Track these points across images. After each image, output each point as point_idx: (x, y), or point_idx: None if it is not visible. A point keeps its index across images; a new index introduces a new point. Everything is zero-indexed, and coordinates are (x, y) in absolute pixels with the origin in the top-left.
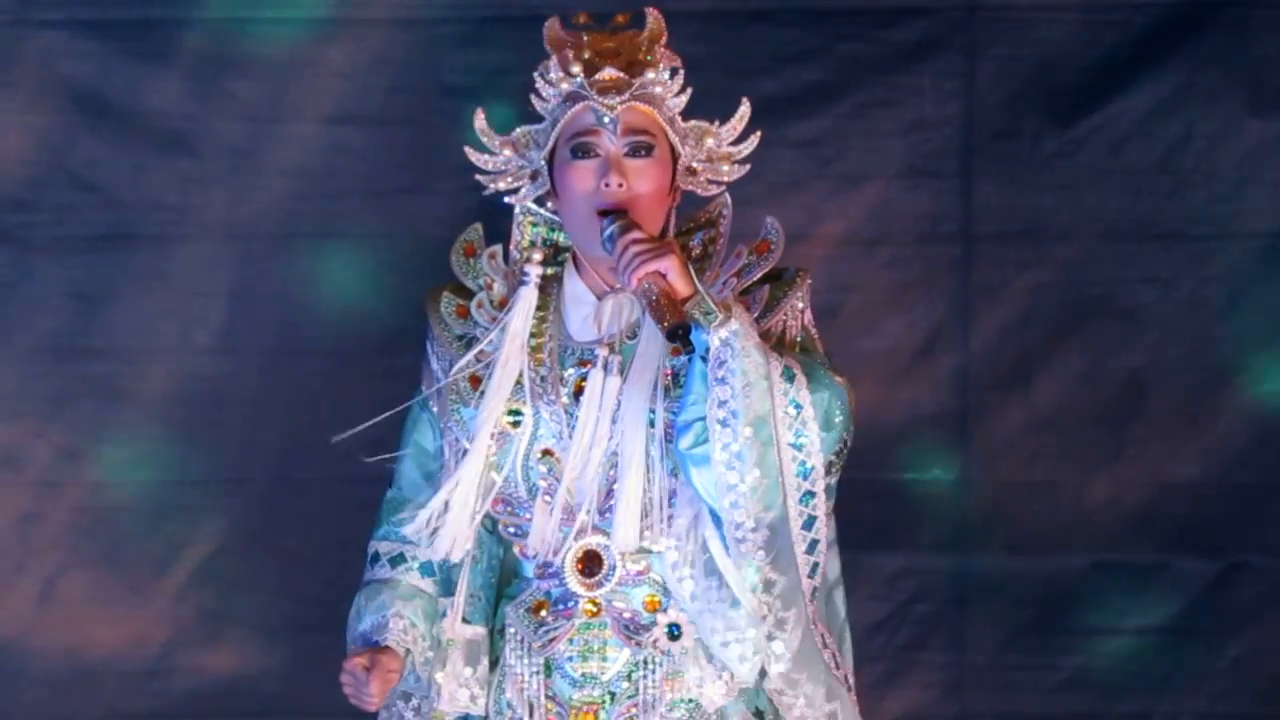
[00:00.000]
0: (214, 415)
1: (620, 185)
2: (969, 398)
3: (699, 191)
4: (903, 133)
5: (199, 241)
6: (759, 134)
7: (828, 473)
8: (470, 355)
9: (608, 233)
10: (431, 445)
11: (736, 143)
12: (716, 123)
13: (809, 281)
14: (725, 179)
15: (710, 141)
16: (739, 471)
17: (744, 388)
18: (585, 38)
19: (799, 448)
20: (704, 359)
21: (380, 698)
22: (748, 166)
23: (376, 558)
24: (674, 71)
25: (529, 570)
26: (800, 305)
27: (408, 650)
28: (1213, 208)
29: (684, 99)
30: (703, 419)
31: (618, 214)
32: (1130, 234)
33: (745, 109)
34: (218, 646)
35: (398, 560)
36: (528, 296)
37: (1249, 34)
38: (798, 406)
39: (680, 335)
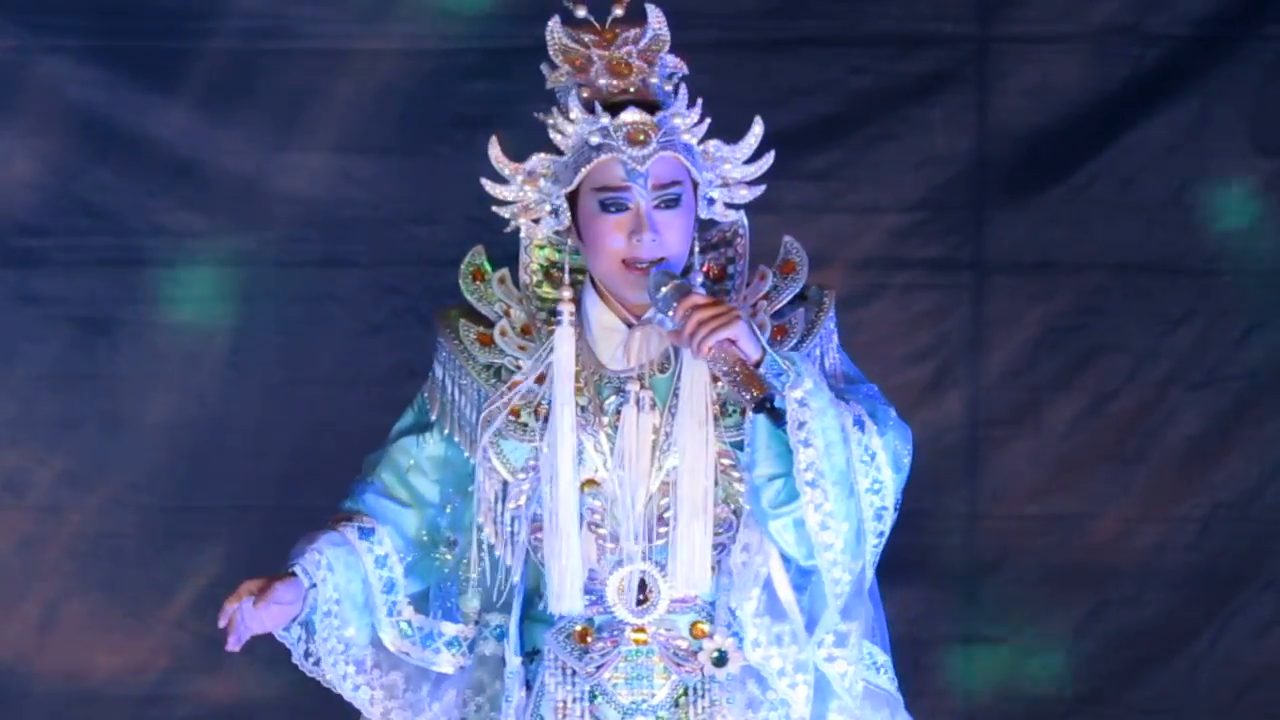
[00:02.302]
0: (218, 442)
1: (653, 240)
2: (978, 431)
3: (717, 218)
4: (915, 165)
5: (205, 268)
6: (772, 153)
7: (895, 510)
8: (516, 392)
9: (661, 294)
10: (415, 451)
11: (749, 162)
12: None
13: (834, 299)
14: (741, 203)
15: (726, 168)
16: (834, 530)
17: (826, 447)
18: (593, 50)
19: (876, 493)
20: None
21: (252, 625)
22: (763, 188)
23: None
24: (692, 101)
25: None
26: (831, 327)
27: (313, 585)
28: (1225, 242)
29: (704, 127)
30: (781, 475)
31: (664, 271)
32: (1142, 268)
33: (758, 127)
34: (218, 674)
35: (347, 519)
36: (568, 337)
37: (1262, 67)
38: (872, 454)
39: (767, 406)
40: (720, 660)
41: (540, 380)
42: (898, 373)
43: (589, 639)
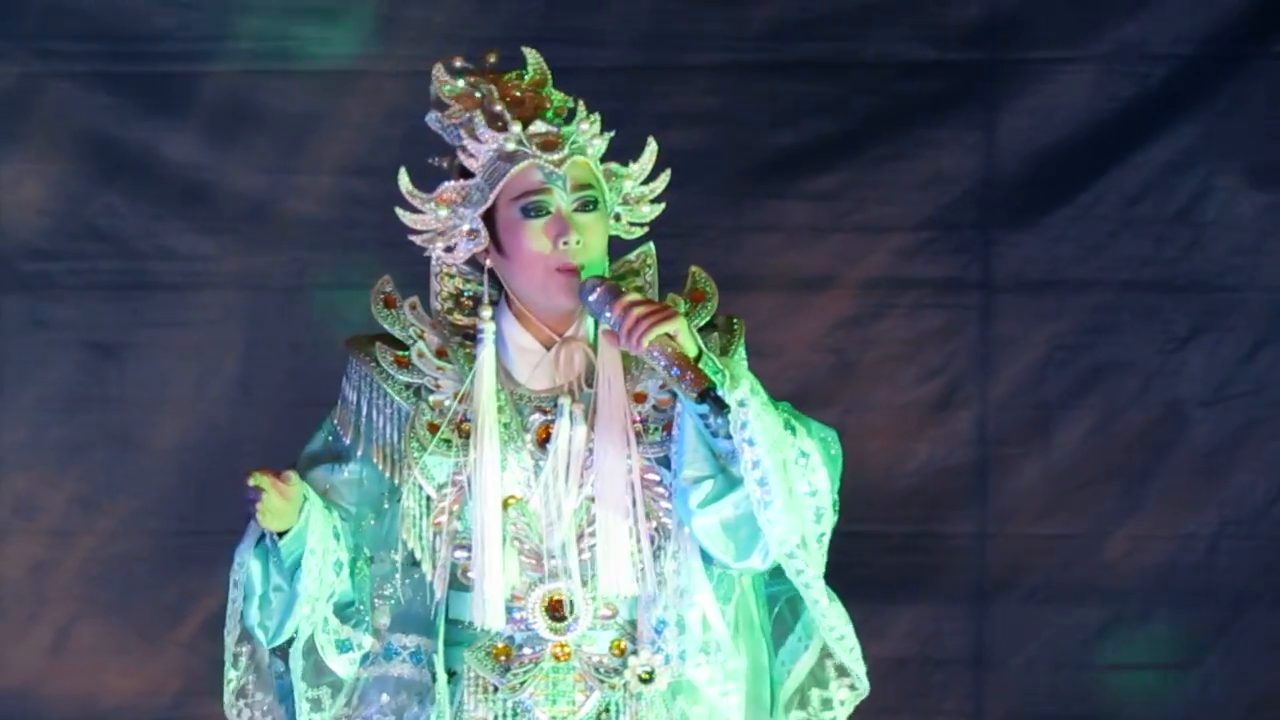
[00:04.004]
0: (228, 465)
1: (578, 242)
2: (987, 450)
3: (623, 235)
4: (922, 185)
5: (214, 292)
6: (669, 172)
7: (834, 511)
8: (436, 410)
9: (594, 296)
10: (331, 477)
11: (646, 182)
12: (627, 164)
13: (744, 328)
14: (645, 220)
15: (628, 184)
16: (785, 525)
17: (770, 445)
18: (482, 87)
19: (813, 495)
20: (702, 416)
21: (270, 507)
22: (663, 205)
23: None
24: (589, 113)
25: None
26: (743, 354)
27: (307, 499)
28: (1232, 260)
29: (604, 142)
30: (710, 476)
31: (593, 274)
32: (1150, 286)
33: (652, 147)
34: None
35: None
36: (490, 357)
37: (1269, 84)
38: (805, 454)
39: (712, 396)
40: (649, 678)
41: (461, 398)
42: (906, 392)
43: (509, 656)
